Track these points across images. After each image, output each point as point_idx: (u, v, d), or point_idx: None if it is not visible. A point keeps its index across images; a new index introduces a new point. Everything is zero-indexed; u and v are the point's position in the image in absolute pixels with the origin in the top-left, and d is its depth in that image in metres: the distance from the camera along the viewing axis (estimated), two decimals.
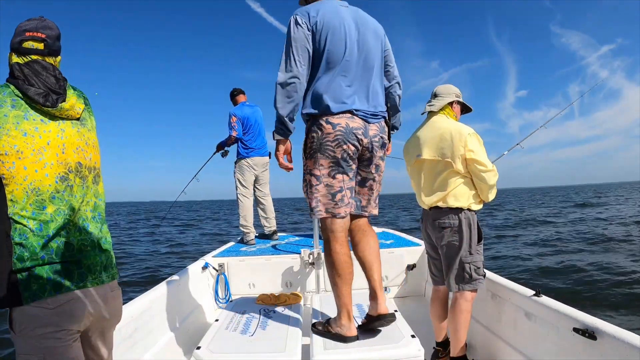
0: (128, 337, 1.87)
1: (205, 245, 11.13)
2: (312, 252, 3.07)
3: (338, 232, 1.79)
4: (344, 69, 1.74)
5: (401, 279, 3.25)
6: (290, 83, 1.69)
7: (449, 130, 2.00)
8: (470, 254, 1.98)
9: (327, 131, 1.71)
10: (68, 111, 1.17)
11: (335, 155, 1.73)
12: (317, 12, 1.73)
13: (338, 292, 1.80)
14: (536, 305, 1.84)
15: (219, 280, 3.11)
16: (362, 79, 1.79)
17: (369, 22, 1.87)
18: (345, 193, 1.79)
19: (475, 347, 2.28)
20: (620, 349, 1.37)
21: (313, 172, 1.76)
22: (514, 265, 7.16)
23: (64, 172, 1.14)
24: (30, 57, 1.16)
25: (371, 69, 1.82)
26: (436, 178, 2.04)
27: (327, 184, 1.76)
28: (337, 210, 1.77)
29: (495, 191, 2.03)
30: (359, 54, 1.78)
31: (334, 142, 1.71)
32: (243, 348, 1.76)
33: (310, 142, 1.77)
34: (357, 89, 1.77)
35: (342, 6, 1.83)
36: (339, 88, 1.73)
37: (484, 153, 1.97)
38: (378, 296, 1.86)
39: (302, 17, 1.73)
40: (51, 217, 1.09)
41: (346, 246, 1.81)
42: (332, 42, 1.72)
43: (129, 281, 6.70)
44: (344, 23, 1.75)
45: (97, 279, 1.18)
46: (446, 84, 2.18)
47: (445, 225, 2.01)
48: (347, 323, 1.79)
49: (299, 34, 1.71)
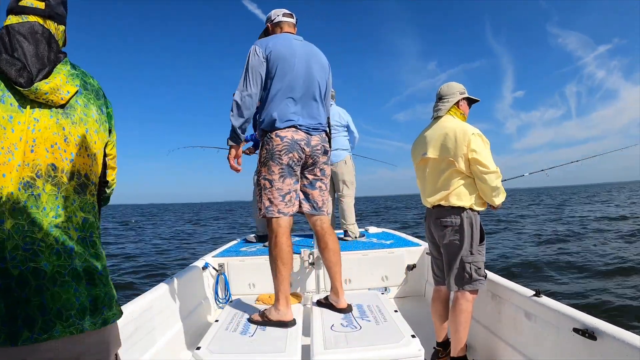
0: (128, 337, 1.87)
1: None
2: (312, 252, 3.07)
3: (284, 227, 2.08)
4: (290, 92, 2.07)
5: (401, 279, 3.25)
6: (244, 100, 2.03)
7: (453, 129, 2.00)
8: (472, 254, 1.98)
9: (276, 143, 2.03)
10: (48, 95, 0.88)
11: (283, 162, 2.04)
12: (271, 45, 2.07)
13: (280, 279, 2.05)
14: (536, 306, 1.84)
15: (219, 281, 3.11)
16: (305, 101, 2.12)
17: (318, 56, 2.22)
18: (292, 194, 2.11)
19: (475, 347, 2.28)
20: (620, 349, 1.37)
21: (267, 177, 2.07)
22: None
23: (30, 177, 0.85)
24: (27, 19, 0.92)
25: (314, 93, 2.15)
26: (439, 177, 2.04)
27: (278, 187, 2.06)
28: (286, 209, 2.08)
29: (503, 195, 2.01)
30: (304, 81, 2.11)
31: (282, 151, 2.03)
32: (243, 348, 1.76)
33: (264, 152, 2.08)
34: (300, 108, 2.10)
35: (295, 39, 2.18)
36: (285, 107, 2.05)
37: (487, 154, 1.96)
38: (340, 293, 2.20)
39: (260, 48, 2.06)
40: (8, 235, 0.81)
41: (290, 239, 2.10)
42: (282, 70, 2.05)
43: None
44: (294, 55, 2.08)
45: (72, 326, 0.84)
46: (449, 83, 2.17)
47: (447, 224, 2.01)
48: (284, 308, 2.03)
49: (254, 62, 2.04)
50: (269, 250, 2.09)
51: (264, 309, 2.12)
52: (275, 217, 2.06)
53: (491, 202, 2.01)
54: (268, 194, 2.07)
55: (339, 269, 2.24)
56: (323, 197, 2.24)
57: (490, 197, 1.99)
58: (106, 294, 0.93)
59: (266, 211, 2.07)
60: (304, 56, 2.13)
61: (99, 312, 0.90)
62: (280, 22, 2.27)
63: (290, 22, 2.28)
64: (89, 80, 1.01)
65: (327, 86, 2.26)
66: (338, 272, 2.23)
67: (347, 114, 3.96)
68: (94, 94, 1.01)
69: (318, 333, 1.87)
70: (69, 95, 0.92)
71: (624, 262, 6.88)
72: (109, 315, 0.93)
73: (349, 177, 3.89)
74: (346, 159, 3.88)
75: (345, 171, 3.87)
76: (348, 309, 2.18)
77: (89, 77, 1.02)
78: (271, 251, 2.08)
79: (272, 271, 2.08)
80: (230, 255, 3.31)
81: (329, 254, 2.22)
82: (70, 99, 0.93)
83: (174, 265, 8.15)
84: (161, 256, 9.94)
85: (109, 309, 0.93)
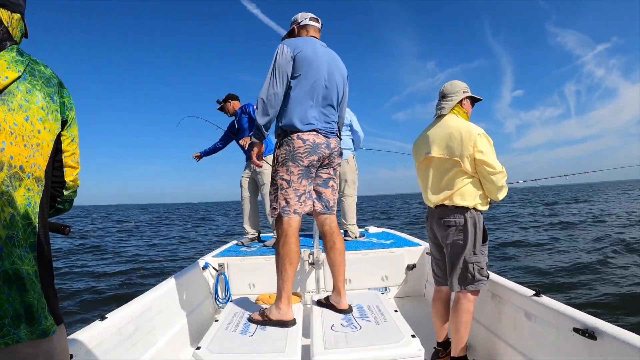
0: (128, 337, 1.87)
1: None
2: (312, 252, 3.07)
3: (295, 227, 2.08)
4: (312, 95, 2.08)
5: (401, 279, 3.25)
6: (269, 98, 2.02)
7: (458, 129, 1.99)
8: (475, 254, 1.98)
9: (297, 144, 2.05)
10: None
11: (304, 164, 2.06)
12: (300, 46, 2.08)
13: (285, 278, 2.05)
14: (536, 306, 1.84)
15: (219, 281, 3.11)
16: (324, 105, 2.14)
17: (339, 64, 2.24)
18: (306, 195, 2.12)
19: (475, 347, 2.28)
20: (620, 349, 1.37)
21: (284, 177, 2.07)
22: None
23: None
24: None
25: (332, 99, 2.17)
26: (444, 176, 2.04)
27: (295, 188, 2.07)
28: (301, 209, 2.10)
29: (505, 190, 2.02)
30: (326, 86, 2.13)
31: (304, 153, 2.05)
32: (243, 348, 1.76)
33: (282, 152, 2.07)
34: (319, 112, 2.11)
35: (321, 45, 2.19)
36: (306, 110, 2.07)
37: (493, 154, 1.96)
38: (342, 293, 2.20)
39: (288, 48, 2.06)
40: None
41: (299, 240, 2.10)
42: (307, 72, 2.06)
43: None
44: (318, 59, 2.10)
45: (7, 336, 0.76)
46: (452, 82, 2.16)
47: (450, 223, 2.01)
48: (285, 308, 2.04)
49: (282, 61, 2.04)
50: (277, 249, 2.09)
51: (264, 308, 2.12)
52: (291, 217, 2.07)
53: (495, 198, 2.02)
54: (285, 194, 2.07)
55: (343, 270, 2.24)
56: (334, 196, 2.26)
57: (496, 195, 2.00)
58: (39, 301, 0.82)
59: (282, 211, 2.07)
60: (327, 62, 2.14)
61: (36, 321, 0.81)
62: (307, 26, 2.28)
63: (315, 27, 2.29)
64: (38, 68, 0.93)
65: (345, 94, 2.29)
66: (342, 272, 2.23)
67: (352, 113, 3.96)
68: (42, 80, 0.92)
69: (318, 333, 1.87)
70: (7, 81, 0.84)
71: (624, 262, 6.88)
72: (48, 325, 0.82)
73: (351, 176, 3.89)
74: (349, 158, 3.88)
75: (347, 170, 3.87)
76: (349, 310, 2.18)
77: (39, 65, 0.93)
78: (279, 250, 2.07)
79: (278, 269, 2.07)
80: (230, 255, 3.32)
81: (335, 254, 2.22)
82: (9, 85, 0.84)
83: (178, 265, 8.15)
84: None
85: (45, 319, 0.82)
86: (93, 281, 6.98)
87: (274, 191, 2.11)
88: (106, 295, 6.07)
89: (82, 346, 1.57)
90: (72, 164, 1.01)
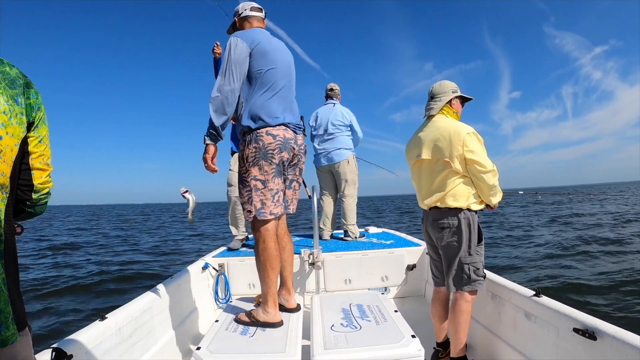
0: (128, 337, 1.87)
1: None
2: (312, 252, 3.07)
3: (272, 231, 2.03)
4: (275, 88, 2.00)
5: (401, 279, 3.25)
6: (227, 96, 1.91)
7: (447, 129, 1.99)
8: (470, 255, 1.97)
9: (268, 141, 1.95)
10: None
11: (275, 161, 1.98)
12: (255, 39, 1.98)
13: (269, 282, 2.02)
14: (536, 306, 1.84)
15: (219, 281, 3.11)
16: (287, 97, 2.07)
17: (289, 53, 2.16)
18: (280, 194, 2.06)
19: (475, 347, 2.28)
20: (620, 349, 1.37)
21: (259, 178, 1.98)
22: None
23: None
24: None
25: (292, 88, 2.13)
26: (435, 178, 2.03)
27: (270, 188, 2.00)
28: (276, 210, 2.03)
29: (500, 194, 2.00)
30: (285, 76, 2.07)
31: (275, 149, 1.96)
32: (243, 349, 1.76)
33: (253, 151, 1.97)
34: (285, 105, 2.04)
35: (270, 36, 2.11)
36: (272, 104, 1.98)
37: (483, 153, 1.95)
38: (291, 291, 2.25)
39: (243, 41, 1.95)
40: None
41: (277, 243, 2.07)
42: (267, 66, 1.98)
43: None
44: (275, 51, 2.03)
45: None
46: (442, 82, 2.16)
47: (444, 225, 2.01)
48: (273, 310, 2.02)
49: (238, 55, 1.93)
50: (257, 255, 2.05)
51: (251, 309, 2.11)
52: (267, 218, 2.01)
53: (488, 201, 2.00)
54: (260, 195, 1.99)
55: (292, 269, 2.29)
56: (294, 196, 2.24)
57: (488, 197, 1.98)
58: (3, 311, 0.80)
59: (258, 213, 1.99)
60: (281, 52, 2.07)
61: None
62: (249, 17, 2.17)
63: (259, 17, 2.19)
64: (3, 69, 0.88)
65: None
66: (292, 272, 2.28)
67: (351, 114, 3.96)
68: (5, 82, 0.86)
69: (318, 333, 1.87)
70: None
71: (623, 262, 6.88)
72: (8, 335, 0.80)
73: (351, 177, 3.89)
74: (349, 158, 3.88)
75: (347, 170, 3.87)
76: (297, 308, 2.21)
77: (4, 66, 0.88)
78: (259, 255, 2.04)
79: (260, 275, 2.05)
80: (230, 255, 3.31)
81: (286, 255, 2.21)
82: None
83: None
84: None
85: (7, 329, 0.80)
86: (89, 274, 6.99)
87: (247, 193, 2.01)
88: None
89: (82, 346, 1.57)
90: (40, 166, 0.97)
